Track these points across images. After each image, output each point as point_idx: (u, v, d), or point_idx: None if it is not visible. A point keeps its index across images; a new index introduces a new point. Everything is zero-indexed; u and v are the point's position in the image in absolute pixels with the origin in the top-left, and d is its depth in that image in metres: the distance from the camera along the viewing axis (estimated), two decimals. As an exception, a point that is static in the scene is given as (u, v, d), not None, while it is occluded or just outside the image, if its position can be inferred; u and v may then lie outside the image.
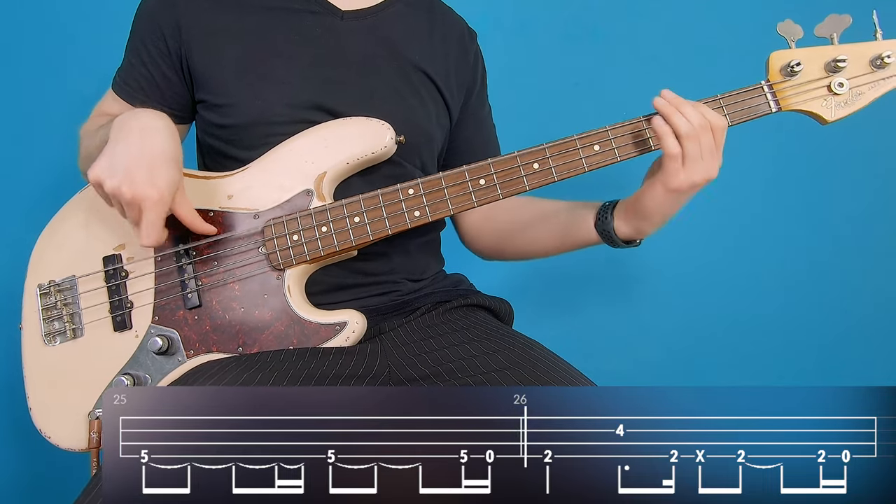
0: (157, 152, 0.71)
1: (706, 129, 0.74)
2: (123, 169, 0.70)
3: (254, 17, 0.84)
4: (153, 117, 0.74)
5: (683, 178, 0.74)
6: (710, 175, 0.75)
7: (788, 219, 1.30)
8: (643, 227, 0.81)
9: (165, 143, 0.72)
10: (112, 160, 0.70)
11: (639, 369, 1.34)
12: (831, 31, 0.76)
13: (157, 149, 0.71)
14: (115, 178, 0.70)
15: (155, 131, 0.73)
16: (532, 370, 0.72)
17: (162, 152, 0.72)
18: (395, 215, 0.78)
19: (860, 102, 0.77)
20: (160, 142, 0.72)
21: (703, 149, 0.74)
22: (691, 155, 0.74)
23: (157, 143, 0.72)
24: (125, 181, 0.69)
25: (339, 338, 0.77)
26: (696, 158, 0.74)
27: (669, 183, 0.75)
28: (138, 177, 0.69)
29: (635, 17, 1.29)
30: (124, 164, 0.70)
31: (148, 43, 0.84)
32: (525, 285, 1.36)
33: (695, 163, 0.74)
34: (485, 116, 1.01)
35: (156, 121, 0.74)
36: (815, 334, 1.32)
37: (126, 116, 0.75)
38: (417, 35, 0.91)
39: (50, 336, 0.80)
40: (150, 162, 0.70)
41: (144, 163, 0.70)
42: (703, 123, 0.73)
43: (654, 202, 0.78)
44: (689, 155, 0.74)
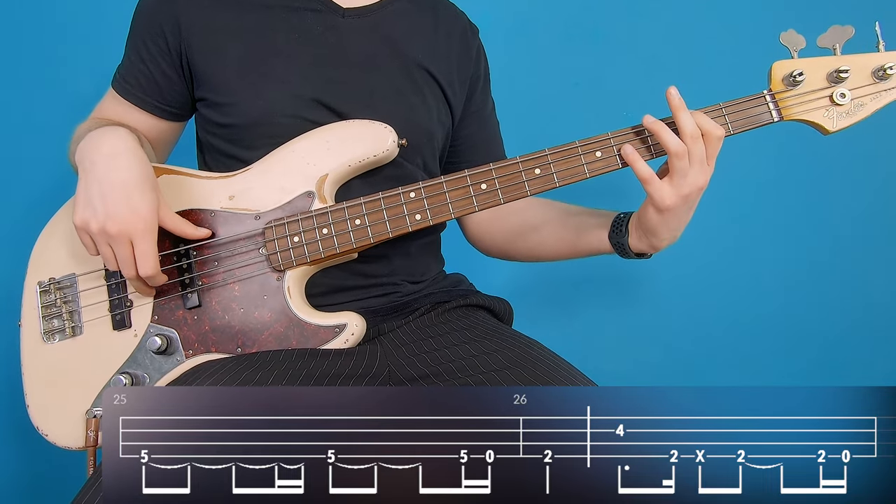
0: (126, 180, 0.71)
1: (696, 140, 0.73)
2: (101, 206, 0.70)
3: (254, 14, 0.85)
4: (114, 141, 0.74)
5: (669, 193, 0.74)
6: (699, 185, 0.74)
7: (788, 219, 1.31)
8: (654, 243, 0.80)
9: (132, 169, 0.72)
10: (89, 199, 0.71)
11: (639, 369, 1.34)
12: (834, 42, 0.77)
13: (126, 175, 0.72)
14: (97, 219, 0.70)
15: (120, 156, 0.73)
16: (532, 370, 0.72)
17: (133, 178, 0.72)
18: (396, 218, 0.79)
19: (862, 113, 0.77)
20: (126, 168, 0.72)
21: (692, 160, 0.73)
22: (677, 170, 0.73)
23: (124, 171, 0.72)
24: (107, 219, 0.70)
25: (339, 340, 0.77)
26: (682, 173, 0.73)
27: (680, 186, 0.74)
28: (118, 211, 0.70)
29: (636, 19, 1.30)
30: (101, 202, 0.70)
31: (147, 40, 0.85)
32: (525, 285, 1.36)
33: (682, 177, 0.73)
34: (488, 113, 1.00)
35: (117, 145, 0.74)
36: (815, 334, 1.32)
37: (88, 146, 0.74)
38: (420, 32, 0.91)
39: (49, 334, 0.80)
40: (124, 192, 0.71)
41: (119, 193, 0.71)
42: (693, 134, 0.73)
43: (652, 221, 0.77)
44: (674, 169, 0.73)
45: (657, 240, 0.79)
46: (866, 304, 1.31)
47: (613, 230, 0.83)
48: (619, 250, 0.84)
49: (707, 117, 0.74)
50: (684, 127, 0.73)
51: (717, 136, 0.73)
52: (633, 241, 0.82)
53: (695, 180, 0.74)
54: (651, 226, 0.78)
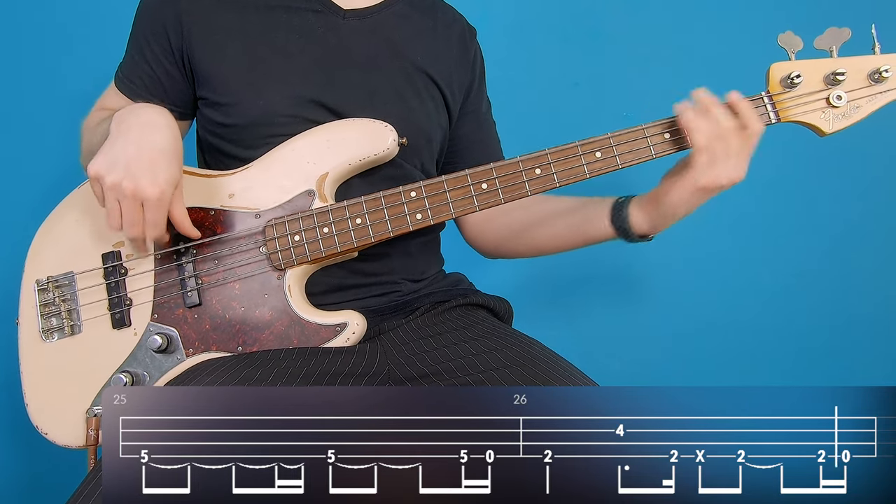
0: (157, 148, 0.72)
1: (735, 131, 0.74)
2: (124, 165, 0.70)
3: (255, 15, 0.85)
4: (154, 113, 0.75)
5: (712, 177, 0.75)
6: (734, 176, 0.75)
7: (788, 219, 1.32)
8: (661, 222, 0.81)
9: (166, 140, 0.73)
10: (112, 155, 0.71)
11: (639, 369, 1.34)
12: (831, 44, 0.77)
13: (157, 145, 0.72)
14: (115, 173, 0.70)
15: (156, 127, 0.73)
16: (532, 369, 0.72)
17: (162, 149, 0.72)
18: (396, 217, 0.79)
19: (858, 115, 0.78)
20: (161, 138, 0.72)
21: (730, 149, 0.74)
22: (719, 154, 0.74)
23: (158, 140, 0.72)
24: (126, 177, 0.70)
25: (339, 339, 0.77)
26: (723, 158, 0.74)
27: (699, 180, 0.75)
28: (140, 173, 0.70)
29: (636, 19, 1.30)
30: (125, 160, 0.70)
31: (150, 39, 0.84)
32: (525, 285, 1.36)
33: (723, 162, 0.75)
34: (483, 113, 1.00)
35: (157, 117, 0.74)
36: (816, 334, 1.33)
37: (126, 111, 0.75)
38: (419, 35, 0.91)
39: (47, 332, 0.80)
40: (151, 158, 0.71)
41: (145, 159, 0.71)
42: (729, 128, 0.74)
43: (682, 197, 0.77)
44: (717, 154, 0.74)
45: (668, 219, 0.80)
46: (866, 304, 1.32)
47: (615, 213, 0.84)
48: (621, 233, 0.84)
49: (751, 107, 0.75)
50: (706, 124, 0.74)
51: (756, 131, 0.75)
52: (636, 219, 0.82)
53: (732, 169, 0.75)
54: (676, 202, 0.78)
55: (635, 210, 0.82)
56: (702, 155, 0.75)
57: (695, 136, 0.75)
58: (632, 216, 0.82)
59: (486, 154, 0.99)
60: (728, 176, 0.75)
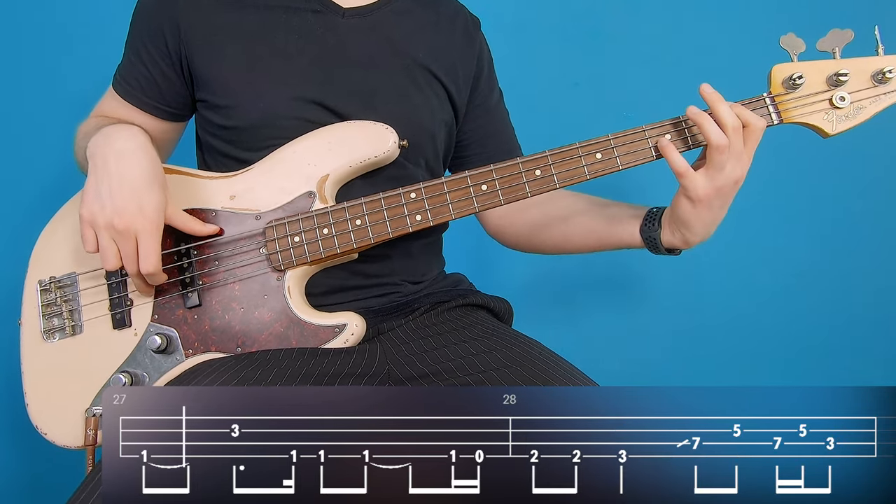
0: (138, 176, 0.72)
1: (738, 132, 0.73)
2: (110, 202, 0.71)
3: (254, 16, 0.84)
4: (126, 139, 0.74)
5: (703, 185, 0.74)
6: (734, 178, 0.74)
7: (788, 219, 1.31)
8: (688, 238, 0.79)
9: (143, 166, 0.73)
10: (98, 193, 0.72)
11: (639, 369, 1.34)
12: (833, 46, 0.77)
13: (137, 172, 0.72)
14: (104, 213, 0.71)
15: (130, 155, 0.73)
16: (531, 369, 0.72)
17: (141, 176, 0.72)
18: (396, 218, 0.79)
19: (861, 116, 0.77)
20: (137, 165, 0.73)
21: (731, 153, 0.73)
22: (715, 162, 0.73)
23: (135, 168, 0.73)
24: (115, 214, 0.71)
25: (338, 340, 0.77)
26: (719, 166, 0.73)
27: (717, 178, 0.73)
28: (125, 207, 0.71)
29: (636, 19, 1.30)
30: (109, 197, 0.71)
31: (147, 42, 0.84)
32: (525, 285, 1.36)
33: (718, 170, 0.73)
34: (494, 104, 0.99)
35: (129, 142, 0.74)
36: (816, 334, 1.32)
37: (100, 141, 0.75)
38: (421, 31, 0.91)
39: (49, 332, 0.80)
40: (133, 189, 0.72)
41: (128, 190, 0.71)
42: (735, 126, 0.73)
43: (685, 213, 0.77)
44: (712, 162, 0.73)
45: (690, 234, 0.78)
46: (866, 303, 1.32)
47: (646, 224, 0.82)
48: (649, 245, 0.83)
49: (747, 109, 0.75)
50: (725, 119, 0.73)
51: (759, 128, 0.74)
52: (666, 235, 0.81)
53: (731, 173, 0.74)
54: (684, 218, 0.77)
55: (666, 223, 0.81)
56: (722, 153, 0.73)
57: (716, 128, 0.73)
58: (662, 228, 0.81)
59: (500, 146, 0.98)
60: (740, 172, 0.74)
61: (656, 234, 0.81)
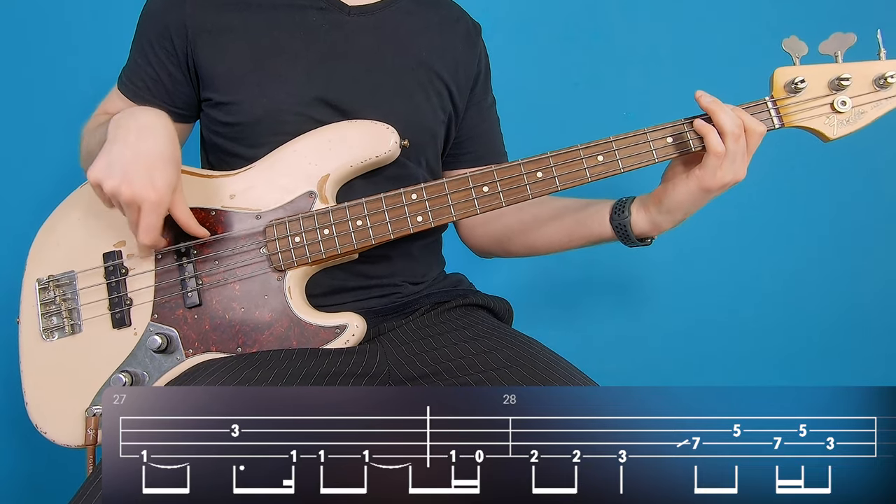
0: (154, 153, 0.72)
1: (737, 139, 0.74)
2: (121, 170, 0.70)
3: (259, 14, 0.84)
4: (151, 116, 0.74)
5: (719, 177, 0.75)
6: (738, 177, 0.75)
7: (788, 221, 1.32)
8: (662, 223, 0.80)
9: (162, 144, 0.73)
10: (110, 160, 0.71)
11: (639, 369, 1.34)
12: (836, 49, 0.77)
13: (154, 149, 0.72)
14: (113, 178, 0.70)
15: (152, 131, 0.73)
16: (531, 368, 0.72)
17: (159, 153, 0.72)
18: (397, 219, 0.79)
19: (862, 121, 0.78)
20: (157, 142, 0.72)
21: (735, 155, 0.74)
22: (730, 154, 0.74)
23: (155, 144, 0.72)
24: (123, 182, 0.70)
25: (339, 340, 0.77)
26: (732, 158, 0.74)
27: (705, 180, 0.75)
28: (136, 178, 0.70)
29: (636, 20, 1.30)
30: (122, 165, 0.70)
31: (154, 42, 0.84)
32: (525, 285, 1.36)
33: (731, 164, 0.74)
34: (487, 106, 1.00)
35: (154, 120, 0.74)
36: (816, 334, 1.33)
37: (124, 115, 0.75)
38: (425, 30, 0.91)
39: (48, 331, 0.80)
40: (148, 163, 0.71)
41: (142, 164, 0.71)
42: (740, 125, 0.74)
43: (686, 197, 0.77)
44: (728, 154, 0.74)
45: (669, 219, 0.80)
46: (866, 303, 1.32)
47: (615, 212, 0.83)
48: (620, 234, 0.83)
49: (748, 113, 0.76)
50: (725, 128, 0.74)
51: (759, 133, 0.75)
52: (637, 219, 0.82)
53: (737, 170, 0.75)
54: (678, 202, 0.78)
55: (636, 209, 0.82)
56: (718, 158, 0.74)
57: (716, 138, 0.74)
58: (633, 215, 0.82)
59: (488, 147, 0.98)
60: (733, 176, 0.75)
61: (626, 220, 0.82)
